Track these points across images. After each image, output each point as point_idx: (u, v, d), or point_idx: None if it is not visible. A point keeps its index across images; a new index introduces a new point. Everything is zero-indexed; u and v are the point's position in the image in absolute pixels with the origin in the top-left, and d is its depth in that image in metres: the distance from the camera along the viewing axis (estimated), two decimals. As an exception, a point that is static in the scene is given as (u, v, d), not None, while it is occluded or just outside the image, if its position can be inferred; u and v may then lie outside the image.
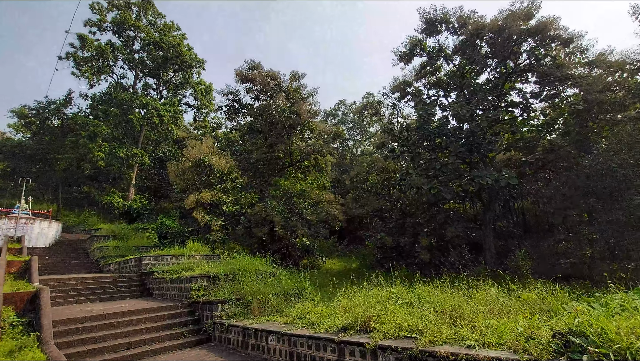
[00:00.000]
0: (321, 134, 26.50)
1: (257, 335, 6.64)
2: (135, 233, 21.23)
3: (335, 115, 45.32)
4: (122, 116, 28.12)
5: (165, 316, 8.38)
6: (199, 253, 14.06)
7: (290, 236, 19.97)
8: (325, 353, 5.27)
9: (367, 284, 7.61)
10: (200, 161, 18.70)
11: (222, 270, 9.80)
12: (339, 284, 10.37)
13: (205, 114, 37.82)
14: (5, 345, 5.48)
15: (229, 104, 26.15)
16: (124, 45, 31.21)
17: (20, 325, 6.39)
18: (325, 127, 26.99)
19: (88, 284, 11.29)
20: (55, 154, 27.99)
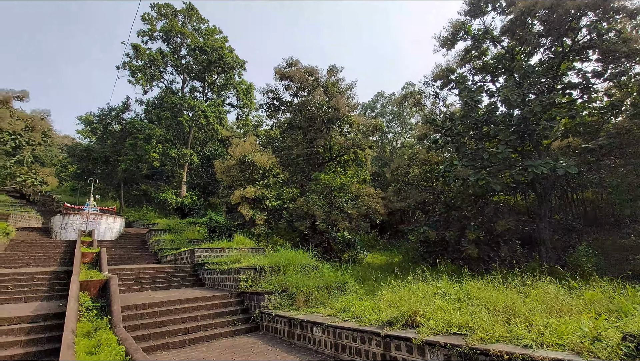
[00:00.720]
0: (360, 127, 26.23)
1: (303, 326, 6.84)
2: (188, 227, 22.74)
3: (373, 107, 44.55)
4: (172, 119, 30.10)
5: (217, 305, 8.92)
6: (245, 246, 14.71)
7: (331, 230, 20.13)
8: (371, 346, 5.29)
9: (411, 279, 7.47)
10: (243, 158, 19.46)
11: (267, 263, 10.18)
12: (381, 278, 10.30)
13: (247, 113, 39.13)
14: (84, 326, 6.21)
15: (269, 102, 26.82)
16: (172, 51, 33.23)
17: (94, 309, 7.20)
18: (364, 120, 26.65)
19: (149, 274, 12.34)
20: (117, 156, 30.77)
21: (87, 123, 33.56)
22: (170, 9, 32.89)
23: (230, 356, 6.20)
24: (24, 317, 6.81)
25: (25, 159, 20.33)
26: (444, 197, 18.93)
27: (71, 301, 6.68)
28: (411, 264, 15.98)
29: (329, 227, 19.85)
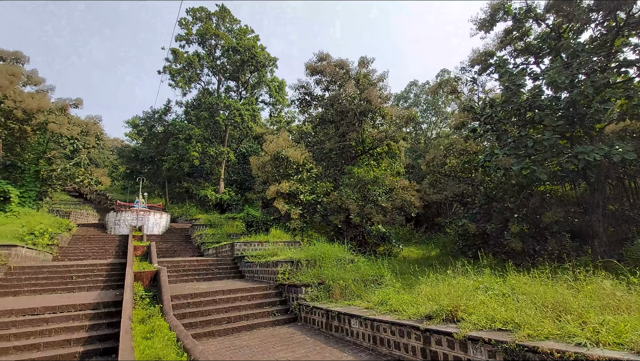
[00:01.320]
0: (393, 119, 25.68)
1: (340, 318, 6.92)
2: (227, 221, 23.74)
3: (406, 98, 43.36)
4: (210, 118, 31.40)
5: (257, 296, 9.28)
6: (281, 240, 15.08)
7: (366, 223, 20.03)
8: (410, 340, 5.25)
9: (450, 273, 7.27)
10: (277, 154, 19.86)
11: (303, 256, 10.38)
12: (418, 272, 10.13)
13: (280, 109, 39.78)
14: (139, 314, 6.75)
15: (300, 97, 27.04)
16: (207, 53, 34.54)
17: (147, 298, 7.79)
18: (397, 112, 26.03)
19: (193, 266, 13.09)
20: (161, 156, 32.75)
21: (133, 126, 36.03)
22: (204, 12, 34.10)
23: (271, 345, 6.45)
24: (87, 304, 7.54)
25: (82, 162, 22.25)
26: (483, 188, 18.08)
27: (127, 291, 7.29)
28: (452, 258, 15.50)
29: (363, 220, 19.77)
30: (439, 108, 39.83)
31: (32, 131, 21.98)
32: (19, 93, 21.03)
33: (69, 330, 6.68)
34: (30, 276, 10.10)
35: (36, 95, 21.81)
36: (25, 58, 23.79)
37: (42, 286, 9.71)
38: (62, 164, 21.54)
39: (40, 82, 23.97)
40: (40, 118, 20.99)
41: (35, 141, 21.66)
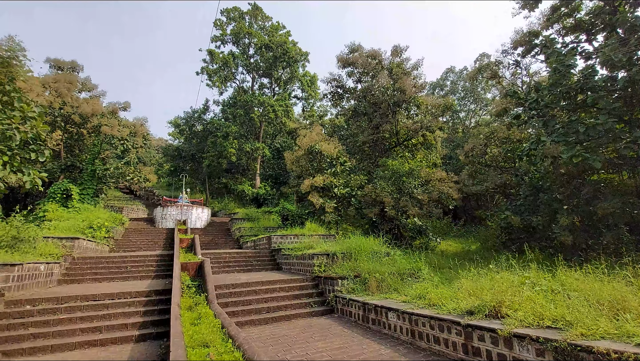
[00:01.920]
0: (428, 108, 24.82)
1: (377, 311, 6.92)
2: (263, 215, 24.45)
3: (442, 86, 41.60)
4: (245, 116, 32.34)
5: (294, 287, 9.52)
6: (317, 233, 15.27)
7: (401, 216, 19.69)
8: (450, 335, 5.14)
9: (493, 267, 6.98)
10: (311, 148, 20.03)
11: (339, 249, 10.46)
12: (456, 266, 9.82)
13: (312, 103, 39.95)
14: (186, 302, 7.21)
15: (332, 91, 26.96)
16: (241, 52, 35.44)
17: (193, 287, 8.30)
18: (433, 100, 25.09)
19: (233, 257, 13.68)
20: (201, 153, 34.34)
21: (175, 126, 38.06)
22: (238, 12, 34.93)
23: (309, 335, 6.61)
24: (141, 292, 8.19)
25: (132, 161, 23.98)
26: (529, 178, 16.98)
27: (175, 280, 7.82)
28: (494, 252, 14.83)
29: (398, 213, 19.44)
30: (478, 95, 37.80)
31: (88, 133, 24.04)
32: (75, 99, 23.04)
33: (125, 315, 7.31)
34: (91, 266, 11.15)
35: (90, 100, 23.76)
36: (80, 67, 25.95)
37: (102, 275, 10.69)
38: (115, 163, 23.37)
39: (93, 88, 26.05)
40: (94, 121, 22.87)
41: (91, 143, 23.66)
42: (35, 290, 8.47)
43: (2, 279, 7.16)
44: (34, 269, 8.50)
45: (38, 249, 9.47)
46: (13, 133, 10.06)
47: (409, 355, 5.33)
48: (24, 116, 10.71)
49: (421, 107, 24.59)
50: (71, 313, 7.06)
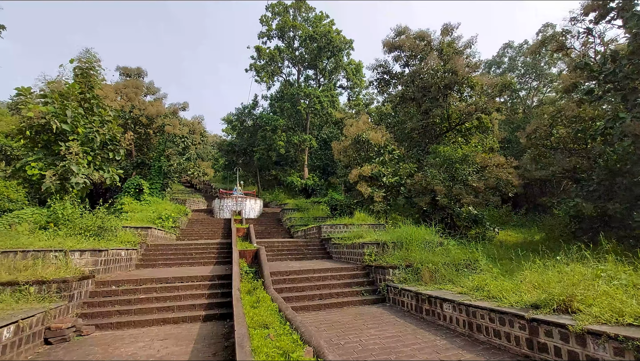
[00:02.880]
0: (484, 89, 23.06)
1: (431, 301, 6.78)
2: (312, 205, 24.98)
3: (499, 63, 38.30)
4: (292, 108, 33.02)
5: (345, 275, 9.67)
6: (366, 223, 15.24)
7: (454, 205, 18.79)
8: (512, 328, 4.87)
9: (562, 259, 6.42)
10: (358, 137, 19.87)
11: (389, 238, 10.35)
12: (518, 257, 9.18)
13: (358, 92, 39.42)
14: (246, 286, 7.72)
15: (378, 77, 26.29)
16: (286, 46, 36.04)
17: (251, 273, 8.84)
18: (489, 80, 23.25)
19: (285, 246, 14.24)
20: (252, 147, 35.92)
21: (228, 122, 40.14)
22: (282, 6, 35.43)
23: (362, 322, 6.71)
24: (205, 276, 8.94)
25: (191, 156, 25.93)
26: (603, 161, 15.04)
27: (235, 266, 8.40)
28: (562, 243, 13.55)
29: (451, 202, 18.58)
30: (542, 70, 34.17)
31: (154, 133, 26.42)
32: (142, 102, 25.39)
33: (193, 296, 8.06)
34: (162, 252, 12.39)
35: (154, 102, 26.03)
36: (144, 72, 28.45)
37: (171, 260, 11.84)
38: (177, 159, 25.46)
39: (156, 91, 28.46)
40: (158, 122, 25.04)
41: (156, 142, 25.98)
42: (118, 273, 9.68)
43: (92, 263, 8.30)
44: (116, 255, 9.70)
45: (119, 237, 10.77)
46: (94, 136, 11.48)
47: (466, 347, 5.17)
48: (102, 120, 12.14)
49: (475, 88, 22.94)
50: (148, 294, 7.97)
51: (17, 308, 5.63)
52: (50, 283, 6.42)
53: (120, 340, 5.93)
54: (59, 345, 5.66)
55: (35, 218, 9.56)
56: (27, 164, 10.53)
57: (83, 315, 6.89)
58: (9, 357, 4.81)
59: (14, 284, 6.15)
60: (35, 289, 6.26)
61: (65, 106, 11.02)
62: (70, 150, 10.82)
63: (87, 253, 8.17)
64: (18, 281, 6.23)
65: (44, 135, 10.99)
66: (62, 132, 11.01)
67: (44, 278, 6.45)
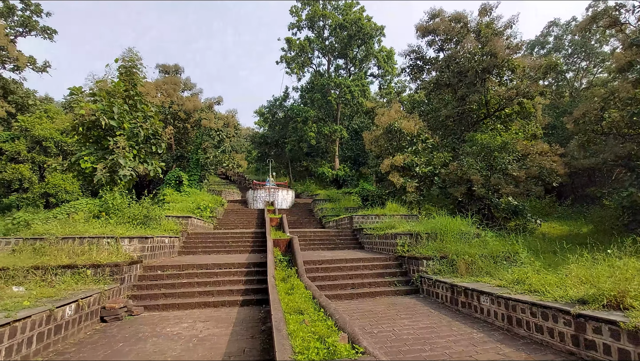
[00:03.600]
0: (526, 71, 21.59)
1: (468, 294, 6.61)
2: (344, 196, 25.00)
3: (544, 43, 35.56)
4: (322, 99, 32.96)
5: (377, 266, 9.65)
6: (398, 213, 15.04)
7: (492, 195, 17.98)
8: (556, 324, 4.65)
9: (614, 252, 5.98)
10: (390, 127, 19.48)
11: (422, 229, 10.16)
12: (562, 251, 8.67)
13: (389, 80, 38.46)
14: (280, 274, 7.96)
15: (411, 64, 25.45)
16: (316, 36, 35.82)
17: (284, 261, 9.09)
18: (531, 62, 21.72)
19: (317, 236, 14.44)
20: (284, 139, 36.45)
21: (260, 115, 40.94)
22: (311, -5, 35.15)
23: (395, 312, 6.71)
24: (242, 263, 9.32)
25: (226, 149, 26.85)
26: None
27: (269, 254, 8.69)
28: (615, 235, 12.58)
29: (489, 192, 17.79)
30: (592, 49, 31.29)
31: (191, 127, 27.61)
32: (180, 98, 26.56)
33: (231, 282, 8.46)
34: (201, 240, 13.06)
35: (191, 98, 27.14)
36: (181, 68, 29.64)
37: (210, 248, 12.45)
38: (213, 152, 26.48)
39: (192, 87, 29.60)
40: (195, 116, 26.11)
41: (194, 135, 27.14)
42: (162, 259, 10.36)
43: (140, 249, 8.95)
44: (160, 242, 10.37)
45: (162, 225, 11.49)
46: (138, 130, 12.22)
47: (505, 341, 5.02)
48: (145, 116, 12.88)
49: (516, 71, 21.52)
50: (190, 279, 8.47)
51: (76, 288, 6.24)
52: (104, 267, 7.02)
53: (166, 320, 6.39)
54: (113, 323, 6.22)
55: (89, 207, 10.44)
56: (81, 158, 11.47)
57: (133, 296, 7.48)
58: (72, 332, 5.37)
59: (73, 267, 6.80)
60: (91, 272, 6.89)
61: (112, 103, 11.82)
62: (118, 144, 11.63)
63: (135, 240, 8.82)
64: (77, 264, 6.88)
65: (94, 131, 11.88)
66: (110, 127, 11.84)
67: (99, 262, 7.07)
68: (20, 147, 22.37)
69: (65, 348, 4.93)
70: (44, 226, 8.64)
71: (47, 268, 6.69)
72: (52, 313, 4.87)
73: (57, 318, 5.00)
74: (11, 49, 26.02)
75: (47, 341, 4.76)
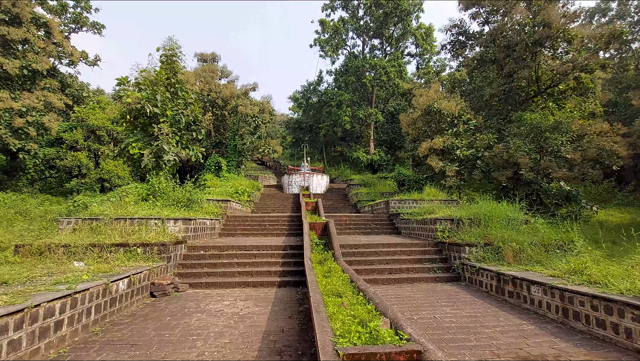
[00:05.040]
0: (584, 42, 19.38)
1: (516, 283, 6.20)
2: (379, 181, 24.55)
3: (605, 10, 31.69)
4: (357, 82, 32.18)
5: (416, 251, 9.38)
6: (437, 198, 14.46)
7: (542, 179, 16.70)
8: (622, 319, 4.20)
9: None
10: (429, 108, 18.57)
11: (465, 214, 9.66)
12: (621, 240, 7.87)
13: (428, 59, 36.58)
14: (316, 257, 7.99)
15: (453, 39, 23.93)
16: (351, 16, 34.72)
17: (320, 245, 9.11)
18: (591, 32, 19.46)
19: (353, 220, 14.34)
20: (318, 124, 36.31)
21: (294, 100, 41.01)
22: (344, -28, 33.90)
23: (435, 300, 6.48)
24: (279, 246, 9.49)
25: (262, 135, 27.29)
26: None
27: (305, 237, 8.74)
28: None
29: (537, 176, 16.54)
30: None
31: (228, 114, 28.29)
32: (217, 85, 27.21)
33: (268, 264, 8.65)
34: (240, 223, 13.49)
35: (228, 85, 27.70)
36: (218, 56, 30.22)
37: (248, 230, 12.84)
38: (249, 138, 27.04)
39: (229, 74, 30.17)
40: (232, 103, 26.67)
41: (231, 122, 27.82)
42: (205, 240, 10.85)
43: (184, 230, 9.41)
44: (202, 224, 10.84)
45: (204, 208, 11.99)
46: (180, 117, 12.68)
47: (560, 335, 4.64)
48: (185, 103, 13.33)
49: (573, 43, 19.40)
50: (230, 259, 8.79)
51: (128, 265, 6.70)
52: (153, 246, 7.46)
53: (209, 297, 6.69)
54: (162, 298, 6.63)
55: (138, 191, 11.13)
56: (129, 144, 12.19)
57: (178, 274, 7.92)
58: (125, 305, 5.79)
59: (125, 246, 7.30)
60: (141, 250, 7.35)
61: (155, 91, 12.34)
62: (162, 131, 12.18)
63: (179, 221, 9.27)
64: (128, 243, 7.37)
65: (141, 119, 12.52)
66: (154, 115, 12.40)
67: (148, 241, 7.52)
68: (78, 136, 24.29)
69: (120, 320, 5.32)
70: (99, 208, 9.35)
71: (103, 246, 7.23)
72: (108, 286, 5.26)
73: (112, 292, 5.40)
74: (66, 44, 27.94)
75: (104, 313, 5.17)
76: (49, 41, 27.10)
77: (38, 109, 24.70)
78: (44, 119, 24.09)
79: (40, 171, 24.92)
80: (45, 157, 24.52)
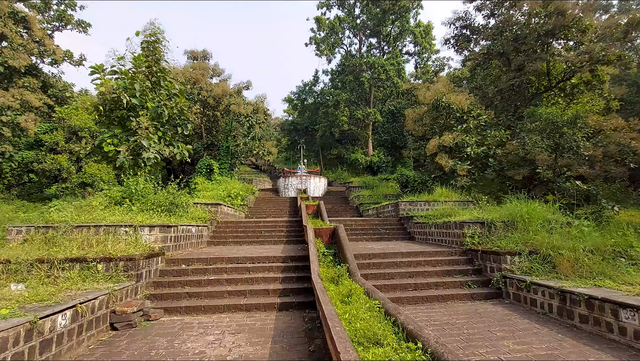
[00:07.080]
0: (598, 33, 18.27)
1: (593, 305, 4.72)
2: (380, 183, 23.13)
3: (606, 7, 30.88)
4: (354, 81, 30.85)
5: (441, 261, 7.87)
6: (450, 199, 13.08)
7: (558, 178, 15.42)
8: None
9: None
10: (437, 102, 17.23)
11: (496, 216, 8.21)
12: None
13: (426, 58, 35.50)
14: (327, 272, 6.42)
15: (456, 34, 22.66)
16: (347, 14, 33.53)
17: (329, 255, 7.55)
18: (607, 22, 18.36)
19: (358, 225, 12.82)
20: (314, 125, 34.87)
21: (289, 102, 39.57)
22: (339, -32, 32.80)
23: (485, 327, 4.96)
24: (277, 257, 7.92)
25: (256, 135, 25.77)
26: None
27: (311, 246, 7.19)
28: None
29: (555, 175, 15.25)
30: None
31: (221, 115, 26.73)
32: (208, 84, 25.66)
33: (266, 280, 7.07)
34: (232, 230, 11.89)
35: (220, 83, 26.17)
36: (209, 54, 28.71)
37: (241, 238, 11.24)
38: (243, 140, 25.48)
39: (221, 72, 28.65)
40: (224, 102, 25.13)
41: (224, 123, 26.25)
42: (189, 250, 9.24)
43: (162, 239, 7.80)
44: (186, 231, 9.24)
45: (190, 213, 10.38)
46: (162, 110, 11.12)
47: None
48: (169, 94, 11.76)
49: (588, 33, 18.27)
50: (219, 275, 7.19)
51: (82, 287, 5.09)
52: (117, 261, 5.86)
53: (189, 329, 5.10)
54: (125, 332, 5.01)
55: (111, 193, 9.50)
56: (104, 141, 10.58)
57: (152, 296, 6.30)
58: (68, 347, 4.17)
59: (82, 261, 5.69)
60: (102, 266, 5.74)
61: (133, 79, 10.77)
62: (141, 125, 10.60)
63: (156, 229, 7.67)
64: (87, 257, 5.76)
65: (118, 112, 10.93)
66: (132, 107, 10.83)
67: (111, 255, 5.92)
68: (58, 137, 22.54)
69: (55, 371, 3.72)
70: (58, 214, 7.71)
71: (53, 262, 5.63)
72: (35, 325, 3.65)
73: (44, 331, 3.80)
74: (48, 42, 26.27)
75: (28, 363, 3.56)
76: (30, 38, 25.40)
77: (14, 108, 22.93)
78: (20, 119, 22.29)
79: (18, 176, 23.05)
80: (23, 161, 22.71)
